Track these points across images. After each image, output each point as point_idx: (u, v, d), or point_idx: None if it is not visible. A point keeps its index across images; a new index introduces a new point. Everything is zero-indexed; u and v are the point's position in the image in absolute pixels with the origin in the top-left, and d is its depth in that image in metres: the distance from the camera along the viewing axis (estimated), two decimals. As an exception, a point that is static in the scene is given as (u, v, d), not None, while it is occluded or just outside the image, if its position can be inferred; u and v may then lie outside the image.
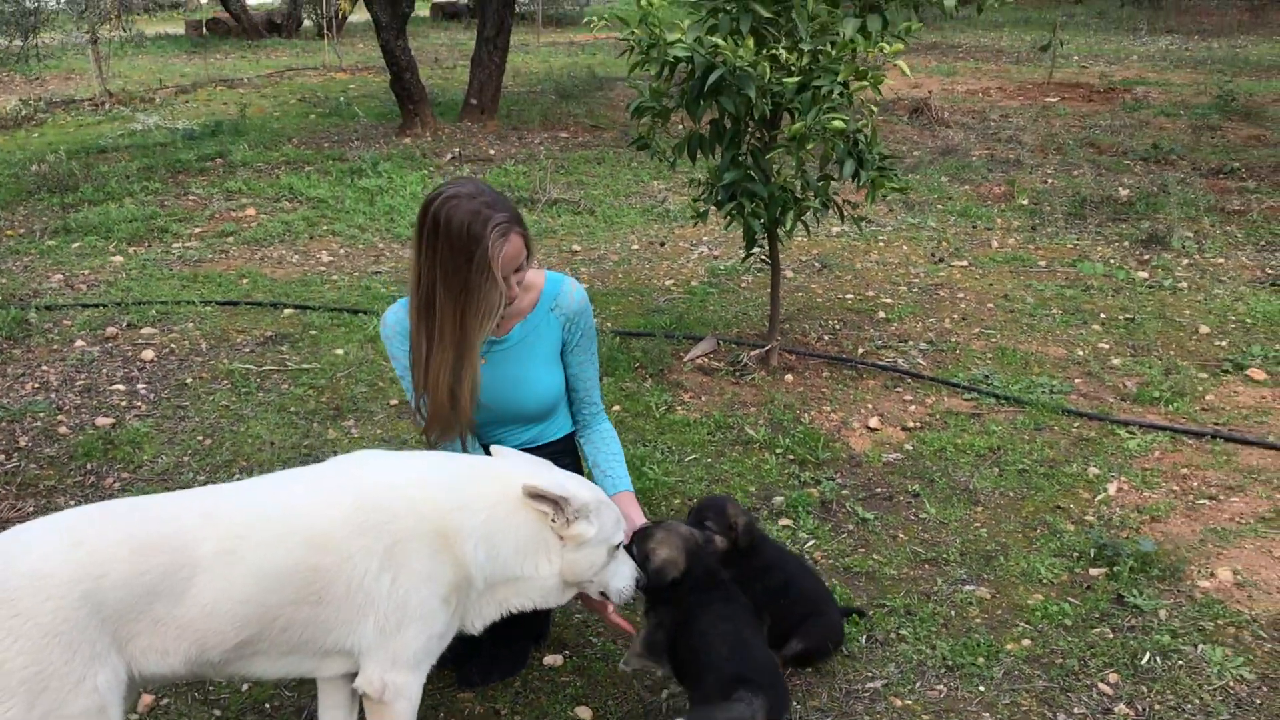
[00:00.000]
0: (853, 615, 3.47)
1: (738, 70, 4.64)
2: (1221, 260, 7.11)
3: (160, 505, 2.30)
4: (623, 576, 2.73)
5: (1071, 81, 15.29)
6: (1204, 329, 5.88)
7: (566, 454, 3.42)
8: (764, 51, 4.75)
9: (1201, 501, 4.21)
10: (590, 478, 3.25)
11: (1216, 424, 4.84)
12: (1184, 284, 6.64)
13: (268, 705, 3.19)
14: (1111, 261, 7.10)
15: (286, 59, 20.97)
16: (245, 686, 3.25)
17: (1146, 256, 7.21)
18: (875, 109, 5.04)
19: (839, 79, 4.71)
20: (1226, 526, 4.02)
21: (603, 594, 2.75)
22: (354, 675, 2.50)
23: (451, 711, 3.16)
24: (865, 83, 4.80)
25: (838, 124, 4.65)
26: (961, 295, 6.56)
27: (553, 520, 2.53)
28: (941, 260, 7.28)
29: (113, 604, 2.06)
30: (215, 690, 3.24)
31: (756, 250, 5.46)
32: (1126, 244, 7.52)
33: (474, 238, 2.79)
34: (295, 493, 2.38)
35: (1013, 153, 10.60)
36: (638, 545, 2.92)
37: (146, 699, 3.18)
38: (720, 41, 4.66)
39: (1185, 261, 7.09)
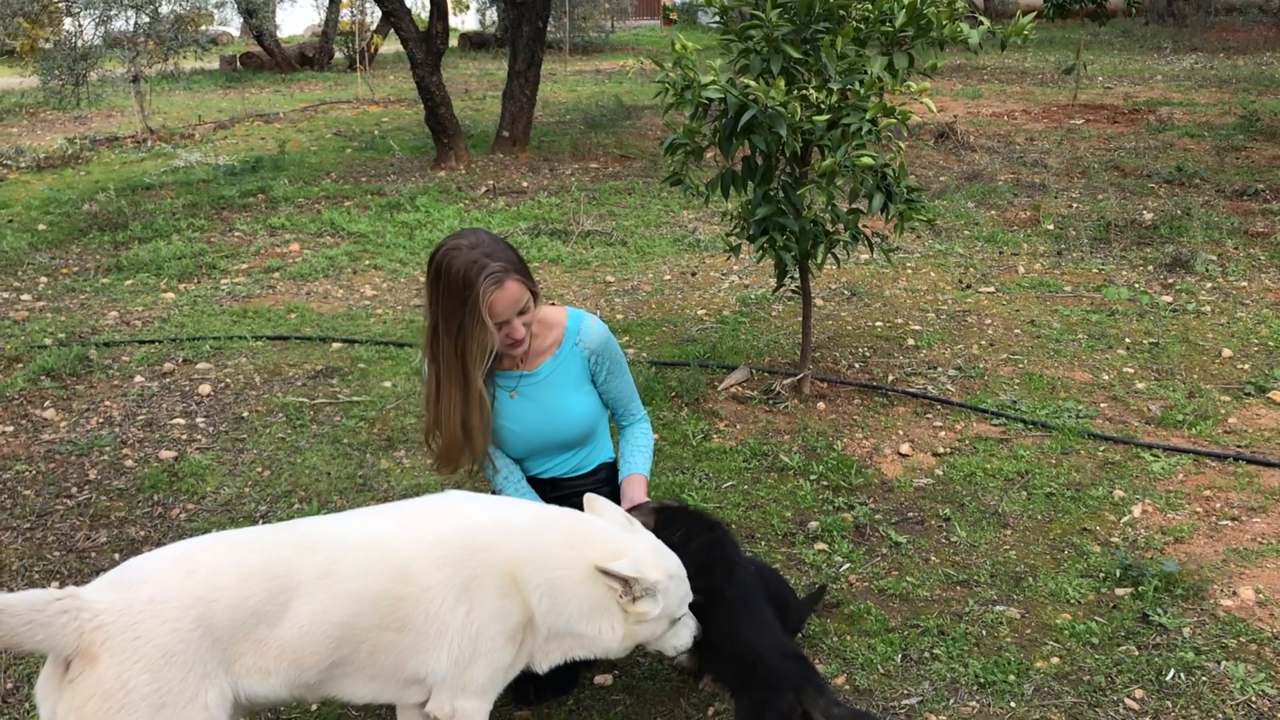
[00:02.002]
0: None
1: (769, 110, 4.85)
2: (1245, 283, 7.23)
3: (263, 535, 2.52)
4: (682, 639, 2.92)
5: (1096, 103, 15.43)
6: (1227, 352, 6.02)
7: (609, 482, 3.67)
8: (794, 91, 4.95)
9: (1224, 523, 4.35)
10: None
11: (1239, 446, 4.98)
12: (1207, 308, 6.78)
13: (336, 723, 3.40)
14: (1136, 286, 7.24)
15: (320, 92, 21.39)
16: (315, 707, 3.45)
17: (1170, 280, 7.34)
18: (903, 145, 5.21)
19: (867, 116, 4.91)
20: (1248, 547, 4.16)
21: (659, 651, 2.94)
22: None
23: (509, 729, 3.35)
24: (893, 120, 4.99)
25: (866, 160, 4.84)
26: (989, 321, 6.72)
27: (620, 596, 2.70)
28: (969, 287, 7.44)
29: (222, 626, 2.27)
30: (286, 711, 3.45)
31: (788, 282, 5.65)
32: (1150, 268, 7.66)
33: (468, 284, 3.09)
34: (386, 525, 2.59)
35: (1038, 176, 10.76)
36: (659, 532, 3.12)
37: None
38: (752, 82, 4.87)
39: (1209, 285, 7.22)
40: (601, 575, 2.67)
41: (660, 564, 2.79)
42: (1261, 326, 6.40)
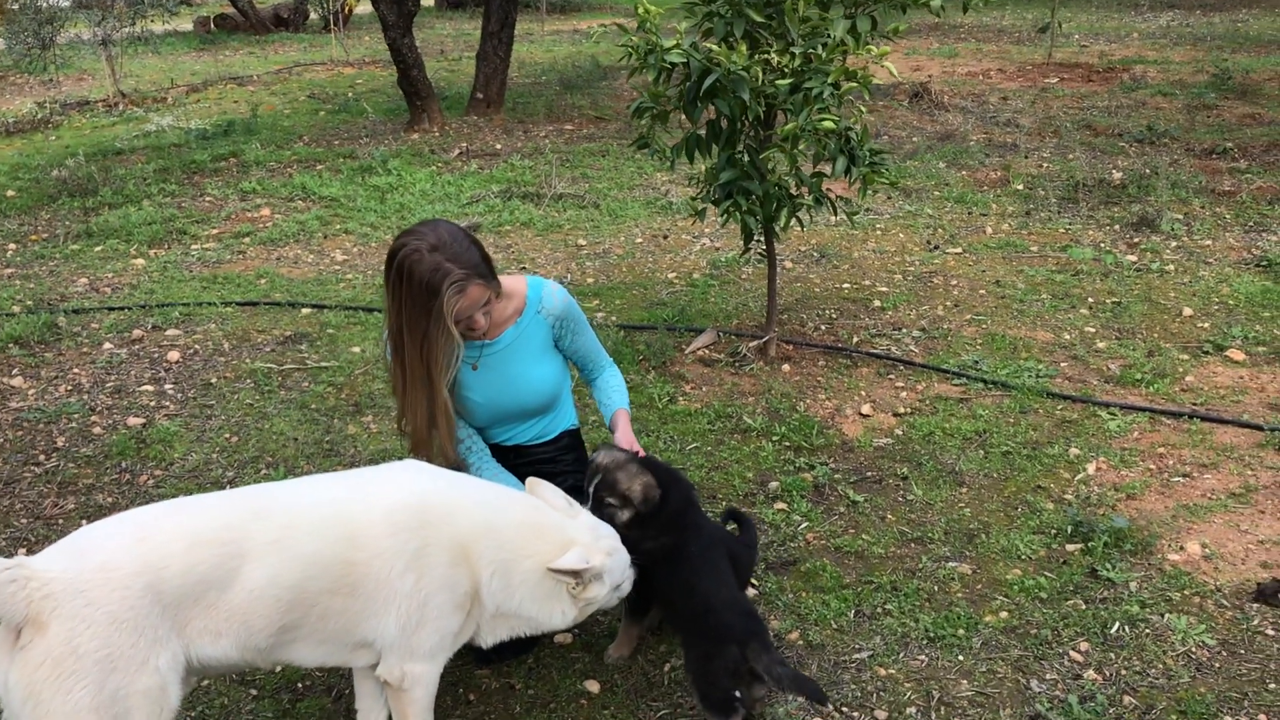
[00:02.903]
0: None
1: (732, 74, 4.87)
2: (1209, 242, 7.31)
3: (214, 501, 2.57)
4: (622, 591, 3.02)
5: (1071, 62, 15.42)
6: (1188, 311, 6.09)
7: (572, 449, 3.72)
8: (757, 55, 4.97)
9: (1176, 479, 4.44)
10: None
11: (1195, 404, 5.07)
12: (1171, 267, 6.85)
13: (300, 685, 3.46)
14: (1101, 246, 7.30)
15: (294, 54, 21.18)
16: (279, 668, 3.51)
17: (1136, 240, 7.41)
18: (864, 109, 5.24)
19: (829, 80, 4.93)
20: (1198, 502, 4.25)
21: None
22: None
23: (470, 687, 3.42)
24: (855, 83, 5.01)
25: (828, 124, 4.87)
26: (955, 282, 6.78)
27: (573, 587, 2.79)
28: (936, 248, 7.49)
29: (171, 593, 2.32)
30: (252, 673, 3.50)
31: (754, 245, 5.68)
32: (1117, 227, 7.72)
33: (432, 292, 3.10)
34: (339, 491, 2.64)
35: (1010, 136, 10.79)
36: (609, 494, 3.20)
37: (189, 680, 3.45)
38: (714, 46, 4.89)
39: (1174, 244, 7.29)
40: (556, 575, 2.76)
41: (602, 545, 2.87)
42: (1223, 285, 6.47)
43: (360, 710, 2.99)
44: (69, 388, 5.65)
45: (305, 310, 6.67)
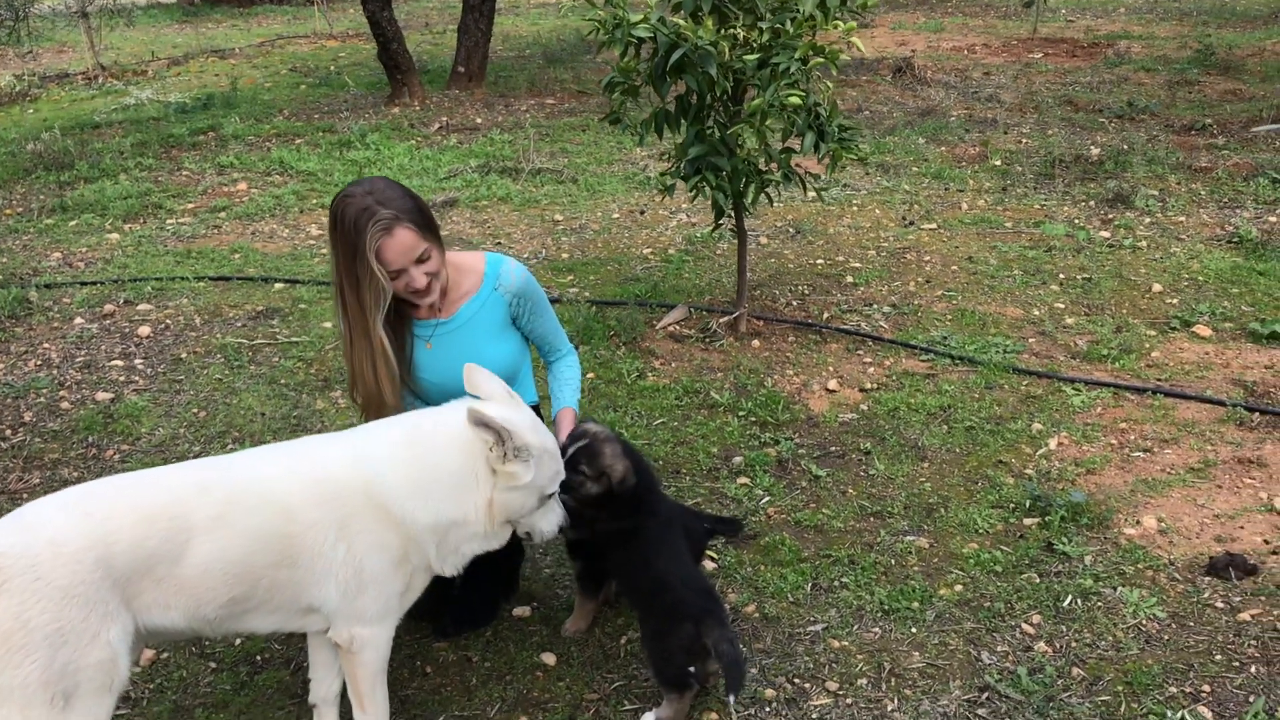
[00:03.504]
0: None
1: (699, 49, 4.86)
2: (1183, 218, 7.32)
3: (160, 477, 2.58)
4: (550, 522, 2.95)
5: (1057, 37, 15.40)
6: (1157, 287, 6.12)
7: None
8: (725, 30, 4.96)
9: (1136, 454, 4.47)
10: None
11: (1159, 380, 5.10)
12: (1144, 243, 6.87)
13: (259, 658, 3.49)
14: (1076, 222, 7.31)
15: (278, 27, 21.07)
16: (239, 641, 3.54)
17: (1110, 216, 7.42)
18: (830, 84, 5.23)
19: (797, 55, 4.93)
20: (1157, 477, 4.29)
21: (527, 534, 2.98)
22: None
23: (427, 660, 3.45)
24: (822, 59, 5.01)
25: (795, 99, 4.87)
26: (928, 258, 6.79)
27: (491, 449, 2.70)
28: (911, 224, 7.50)
29: (121, 567, 2.34)
30: (210, 644, 3.53)
31: (725, 221, 5.69)
32: (1092, 203, 7.74)
33: (358, 231, 3.09)
34: (274, 466, 2.65)
35: (991, 112, 10.78)
36: (588, 464, 3.17)
37: (148, 654, 3.47)
38: (681, 21, 4.88)
39: (1147, 220, 7.31)
40: (474, 429, 2.68)
41: (536, 435, 2.80)
42: (1194, 261, 6.50)
43: (313, 680, 3.02)
44: (38, 362, 5.65)
45: (278, 285, 6.67)
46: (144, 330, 6.00)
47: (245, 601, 2.56)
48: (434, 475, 2.71)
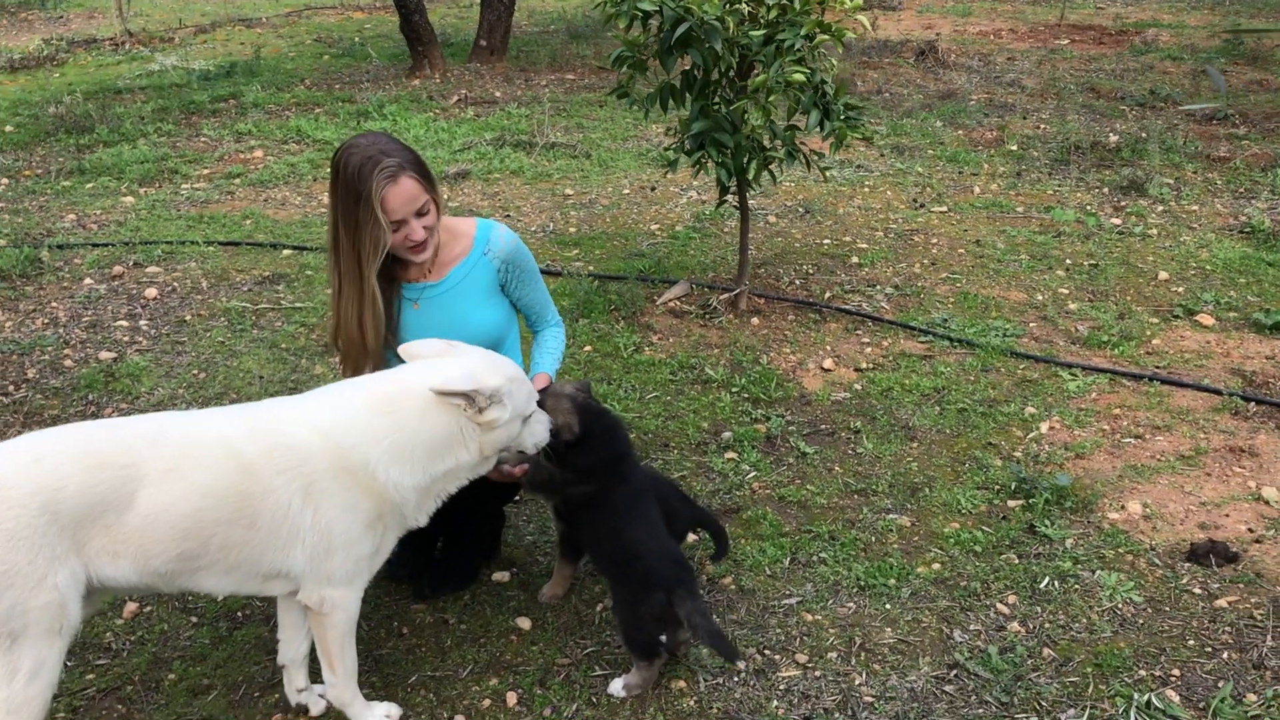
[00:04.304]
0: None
1: (705, 23, 4.85)
2: (1196, 207, 7.26)
3: (115, 427, 2.61)
4: (538, 434, 2.98)
5: (1085, 23, 15.24)
6: (1163, 275, 6.08)
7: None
8: (731, 5, 4.95)
9: (1127, 440, 4.46)
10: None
11: (1158, 367, 5.07)
12: (1154, 231, 6.81)
13: (239, 614, 3.54)
14: (1087, 208, 7.26)
15: (307, -3, 21.07)
16: (221, 597, 3.59)
17: (1123, 203, 7.36)
18: (835, 61, 5.21)
19: (803, 32, 4.91)
20: (1146, 464, 4.28)
21: (520, 451, 3.00)
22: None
23: (405, 621, 3.49)
24: (827, 36, 4.99)
25: (798, 76, 4.86)
26: (935, 241, 6.77)
27: (465, 410, 2.73)
28: (922, 206, 7.47)
29: (69, 513, 2.37)
30: (194, 600, 3.59)
31: (729, 198, 5.68)
32: (1106, 190, 7.68)
33: (362, 178, 3.12)
34: (237, 423, 2.67)
35: (1012, 97, 10.69)
36: (551, 410, 3.18)
37: (131, 607, 3.54)
38: (688, -5, 4.87)
39: (1160, 208, 7.25)
40: (443, 398, 2.70)
41: (498, 370, 2.82)
42: (1203, 250, 6.45)
43: (282, 640, 3.06)
44: (45, 321, 5.72)
45: (286, 251, 6.71)
46: (151, 292, 6.06)
47: (196, 558, 2.58)
48: (418, 441, 2.73)
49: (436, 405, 2.74)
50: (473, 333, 3.51)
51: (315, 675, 3.08)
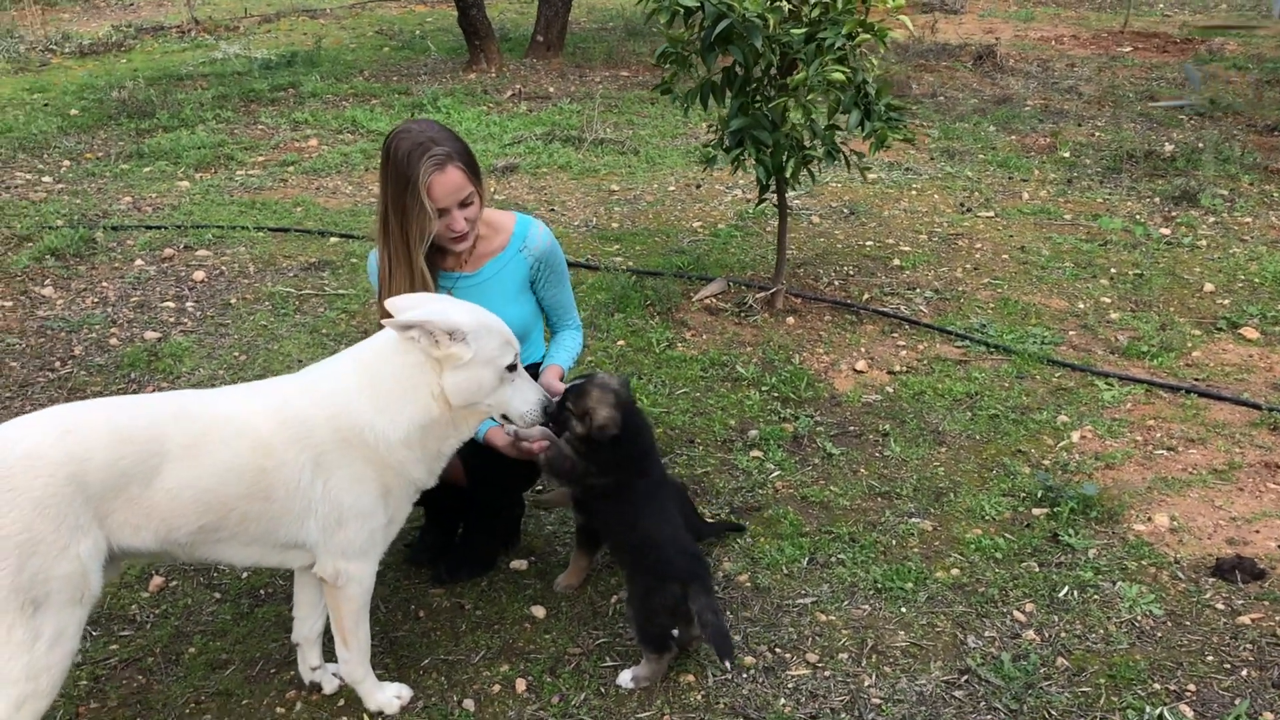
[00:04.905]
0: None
1: (745, 20, 4.86)
2: (1249, 219, 7.13)
3: (142, 403, 2.68)
4: (524, 401, 2.95)
5: (1150, 31, 15.00)
6: (1209, 287, 5.98)
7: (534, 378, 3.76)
8: (772, 3, 4.95)
9: (1160, 452, 4.40)
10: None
11: (1196, 380, 4.99)
12: (1203, 242, 6.70)
13: (262, 591, 3.61)
14: (1136, 217, 7.16)
15: (370, -11, 21.30)
16: (244, 574, 3.67)
17: (1174, 213, 7.25)
18: (875, 61, 5.19)
19: (843, 31, 4.90)
20: (1177, 476, 4.22)
21: (504, 417, 2.98)
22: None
23: (421, 605, 3.53)
24: (870, 35, 4.96)
25: (837, 75, 4.85)
26: (979, 246, 6.71)
27: (422, 342, 2.73)
28: (968, 210, 7.40)
29: (94, 484, 2.44)
30: (218, 576, 3.66)
31: (769, 196, 5.68)
32: (1157, 200, 7.56)
33: (411, 164, 3.16)
34: (251, 401, 2.73)
35: (1068, 104, 10.56)
36: (573, 402, 3.22)
37: (156, 581, 3.62)
38: (731, -8, 4.88)
39: (1211, 219, 7.12)
40: (402, 334, 2.73)
41: (469, 313, 2.82)
42: (1252, 263, 6.33)
43: (297, 619, 3.12)
44: (95, 300, 5.85)
45: (333, 239, 6.81)
46: (199, 275, 6.18)
47: (216, 530, 2.65)
48: (386, 387, 2.76)
49: (399, 346, 2.78)
50: None
51: (330, 655, 3.13)
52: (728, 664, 3.15)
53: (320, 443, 2.70)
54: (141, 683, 3.19)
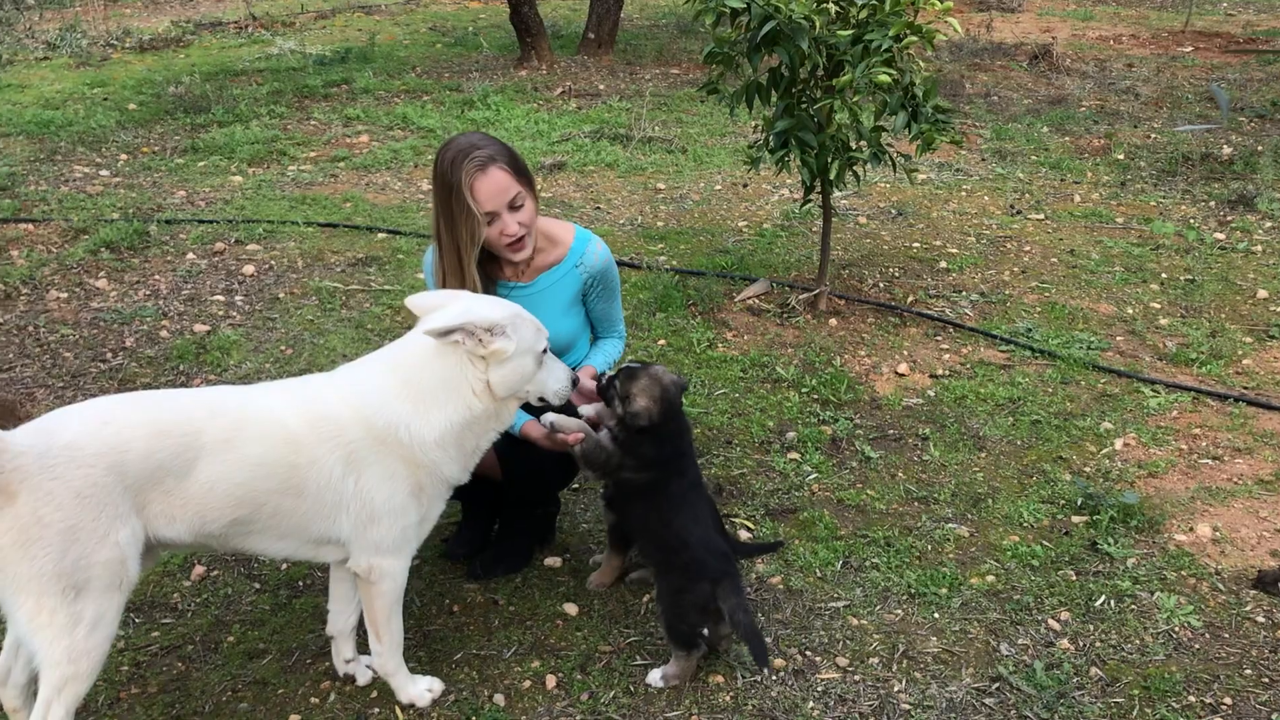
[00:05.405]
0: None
1: (791, 21, 4.85)
2: (1307, 225, 7.00)
3: (179, 397, 2.75)
4: (557, 379, 3.04)
5: (1212, 30, 14.73)
6: (1263, 293, 5.87)
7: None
8: (819, 4, 4.93)
9: (1204, 461, 4.34)
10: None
11: (1246, 388, 4.91)
12: (1259, 247, 6.59)
13: (300, 582, 3.67)
14: (1190, 222, 7.05)
15: (426, -14, 21.48)
16: (284, 565, 3.73)
17: (1229, 218, 7.13)
18: (922, 63, 5.15)
19: (891, 33, 4.87)
20: (1221, 486, 4.16)
21: (542, 399, 3.05)
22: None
23: (456, 599, 3.57)
24: (916, 38, 4.93)
25: (884, 77, 4.82)
26: (1028, 249, 6.64)
27: (465, 344, 2.78)
28: (1018, 213, 7.33)
29: (133, 475, 2.50)
30: (258, 566, 3.73)
31: (814, 197, 5.66)
32: (1213, 204, 7.44)
33: (454, 170, 3.20)
34: (285, 398, 2.78)
35: (1125, 105, 10.41)
36: (621, 381, 3.26)
37: (198, 570, 3.69)
38: (777, -7, 4.87)
39: (1268, 224, 7.00)
40: (440, 339, 2.77)
41: (498, 306, 2.90)
42: (1309, 270, 6.22)
43: (331, 612, 3.17)
44: (147, 293, 5.96)
45: (381, 235, 6.88)
46: (249, 269, 6.27)
47: (249, 523, 2.71)
48: (425, 389, 2.81)
49: (437, 350, 2.83)
50: (551, 339, 3.56)
51: (364, 648, 3.18)
52: (765, 670, 3.17)
53: (352, 441, 2.74)
54: (181, 669, 3.25)
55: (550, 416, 3.28)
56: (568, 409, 3.37)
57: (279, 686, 3.19)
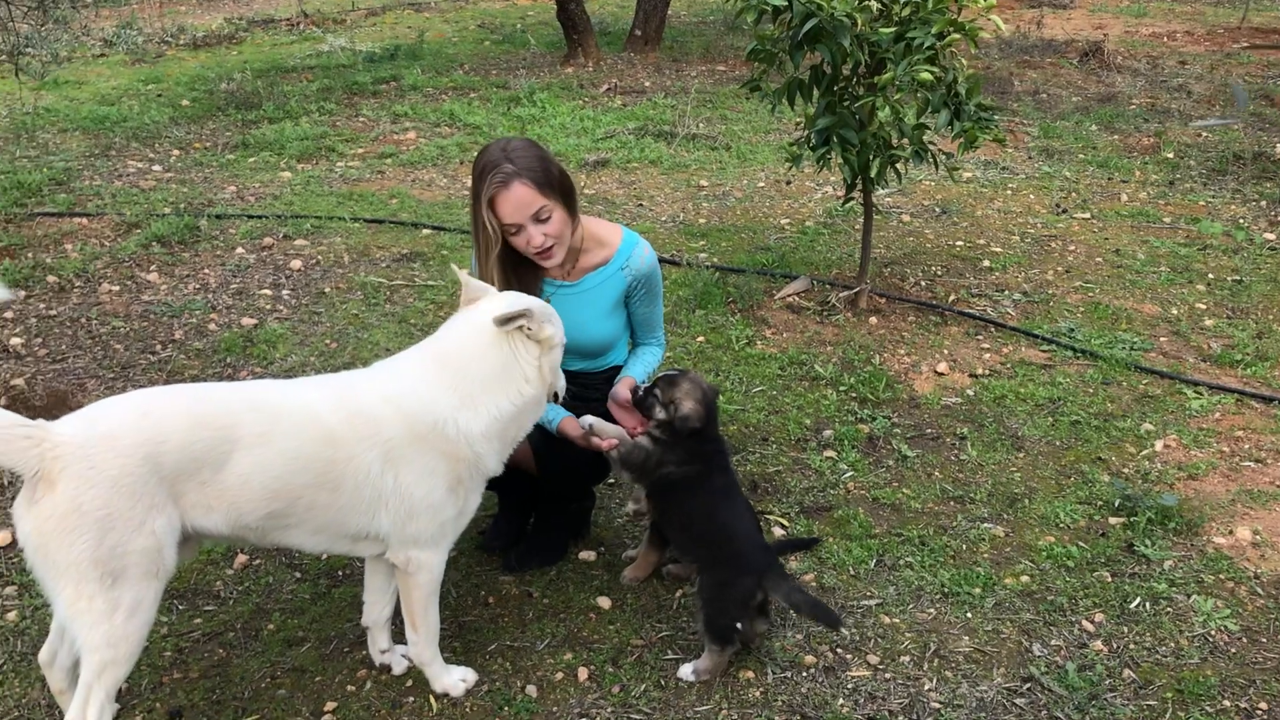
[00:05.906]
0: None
1: (834, 19, 4.85)
2: (1361, 225, 6.88)
3: (218, 391, 2.81)
4: (562, 376, 3.17)
5: (1270, 27, 14.51)
6: (1313, 295, 5.80)
7: (609, 383, 3.78)
8: (861, 2, 4.93)
9: (1246, 463, 4.29)
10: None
11: (1292, 391, 4.86)
12: (1310, 248, 6.50)
13: (340, 572, 3.73)
14: (1239, 222, 6.96)
15: (475, -17, 21.62)
16: (324, 556, 3.79)
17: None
18: (964, 61, 5.12)
19: (934, 30, 4.86)
20: (1263, 489, 4.11)
21: (555, 394, 3.14)
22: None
23: (491, 591, 3.62)
24: (958, 35, 4.92)
25: (925, 75, 4.81)
26: (1073, 248, 6.59)
27: (526, 330, 2.89)
28: (1064, 212, 7.27)
29: (169, 465, 2.56)
30: (299, 556, 3.80)
31: (855, 195, 5.66)
32: (1264, 204, 7.33)
33: (478, 180, 3.22)
34: (321, 394, 2.83)
35: (1176, 102, 10.28)
36: (662, 389, 3.31)
37: (241, 559, 3.77)
38: (819, -9, 4.87)
39: (1320, 225, 6.90)
40: (502, 327, 2.86)
41: (528, 299, 3.00)
42: (1361, 271, 6.12)
43: (367, 603, 3.22)
44: (197, 286, 6.07)
45: (425, 231, 6.96)
46: (296, 264, 6.37)
47: (284, 517, 2.76)
48: (477, 380, 2.88)
49: (492, 340, 2.89)
50: (590, 339, 3.59)
51: (400, 638, 3.23)
52: (842, 631, 3.31)
53: (391, 437, 2.79)
54: (222, 655, 3.32)
55: (589, 419, 3.34)
56: (605, 416, 3.42)
57: (317, 674, 3.25)
